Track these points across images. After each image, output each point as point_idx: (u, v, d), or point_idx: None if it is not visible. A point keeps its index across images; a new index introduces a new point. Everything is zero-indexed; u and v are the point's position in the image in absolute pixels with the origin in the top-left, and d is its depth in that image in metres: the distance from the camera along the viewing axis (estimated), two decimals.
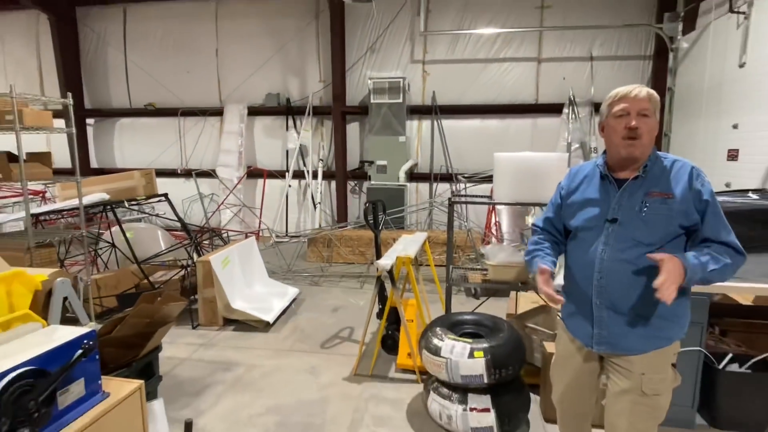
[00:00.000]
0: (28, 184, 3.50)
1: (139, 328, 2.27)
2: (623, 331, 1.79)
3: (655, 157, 1.80)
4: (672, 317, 1.77)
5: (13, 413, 1.29)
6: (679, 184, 1.72)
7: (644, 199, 1.74)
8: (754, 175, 4.76)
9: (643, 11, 7.30)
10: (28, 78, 9.25)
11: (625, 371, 1.82)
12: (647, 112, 1.70)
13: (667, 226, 1.71)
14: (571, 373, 2.05)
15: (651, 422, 1.84)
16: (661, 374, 1.79)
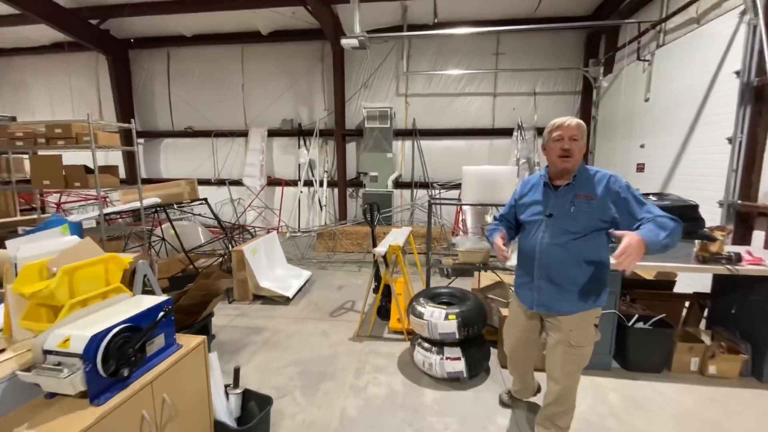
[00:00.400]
0: (101, 190, 3.52)
1: (197, 298, 2.35)
2: (555, 297, 1.92)
3: (582, 169, 1.91)
4: (592, 288, 1.88)
5: (118, 357, 1.39)
6: (599, 188, 1.83)
7: (573, 200, 1.86)
8: (657, 182, 4.95)
9: (574, 58, 7.45)
10: (89, 106, 9.06)
11: (557, 328, 1.95)
12: (576, 137, 1.84)
13: (588, 220, 1.83)
14: (519, 330, 2.19)
15: (576, 366, 1.96)
16: (583, 331, 1.92)
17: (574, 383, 2.00)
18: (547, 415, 2.10)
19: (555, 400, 2.03)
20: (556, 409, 2.06)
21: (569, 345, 1.91)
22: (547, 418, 2.10)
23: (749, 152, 3.62)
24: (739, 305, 3.01)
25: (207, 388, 1.85)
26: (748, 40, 3.55)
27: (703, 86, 4.12)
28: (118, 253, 1.79)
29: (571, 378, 1.98)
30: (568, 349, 1.92)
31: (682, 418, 2.48)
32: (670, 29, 4.92)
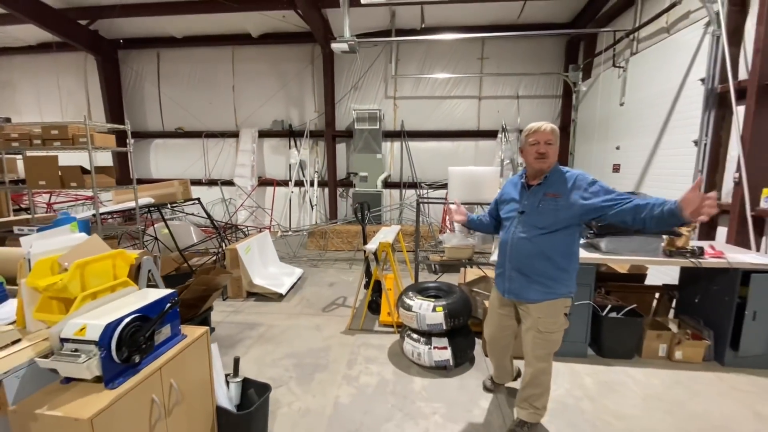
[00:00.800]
0: (98, 191, 3.55)
1: (198, 293, 2.43)
2: (524, 286, 2.06)
3: (555, 170, 2.03)
4: (558, 279, 2.02)
5: (130, 344, 1.48)
6: (566, 187, 1.97)
7: (542, 198, 2.01)
8: (631, 182, 5.18)
9: (555, 63, 7.68)
10: (77, 106, 8.96)
11: (527, 315, 2.10)
12: (551, 141, 1.98)
13: (554, 216, 1.97)
14: (496, 316, 2.34)
15: (546, 350, 2.11)
16: (551, 318, 2.05)
17: (545, 366, 2.14)
18: (524, 397, 2.25)
19: (529, 381, 2.18)
20: (532, 391, 2.20)
21: (538, 331, 2.06)
22: (525, 399, 2.24)
23: (713, 154, 3.86)
24: (702, 295, 3.22)
25: (210, 375, 1.95)
26: (712, 50, 3.78)
27: (672, 92, 4.36)
28: None
29: (542, 361, 2.12)
30: (537, 335, 2.07)
31: (650, 398, 2.67)
32: (642, 38, 5.16)
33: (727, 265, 2.90)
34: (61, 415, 1.27)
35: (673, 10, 4.45)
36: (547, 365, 2.15)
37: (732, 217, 3.52)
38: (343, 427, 2.39)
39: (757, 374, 2.92)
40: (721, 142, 3.84)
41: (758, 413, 2.51)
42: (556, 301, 2.04)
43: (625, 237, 3.06)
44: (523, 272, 2.06)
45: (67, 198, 7.55)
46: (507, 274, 2.12)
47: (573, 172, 2.04)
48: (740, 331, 2.92)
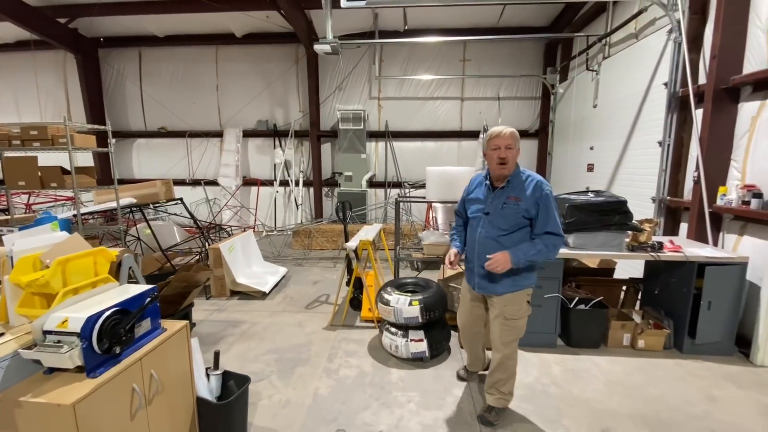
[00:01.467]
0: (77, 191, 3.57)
1: (179, 289, 2.50)
2: (492, 281, 2.23)
3: (517, 173, 2.16)
4: (520, 274, 2.19)
5: (110, 336, 1.56)
6: (528, 191, 2.11)
7: (505, 200, 2.15)
8: (604, 181, 5.41)
9: (534, 66, 7.90)
10: (56, 106, 8.83)
11: (494, 305, 2.28)
12: (511, 146, 2.08)
13: (515, 218, 2.13)
14: (468, 307, 2.51)
15: (512, 336, 2.27)
16: (516, 306, 2.23)
17: (511, 352, 2.30)
18: (491, 383, 2.40)
19: (497, 367, 2.33)
20: (499, 376, 2.35)
21: (504, 318, 2.24)
22: (492, 385, 2.39)
23: (676, 154, 4.08)
24: (663, 287, 3.43)
25: (189, 367, 2.03)
26: (674, 56, 4.00)
27: (639, 95, 4.58)
28: None
29: (508, 347, 2.28)
30: (504, 322, 2.24)
31: (612, 384, 2.84)
32: (614, 43, 5.39)
33: (684, 258, 3.10)
34: (44, 401, 1.35)
35: (641, 17, 4.68)
36: (512, 351, 2.30)
37: (692, 214, 3.74)
38: (322, 416, 2.49)
39: (712, 360, 3.13)
40: (683, 143, 4.07)
41: (711, 396, 2.70)
42: (520, 291, 2.23)
43: (591, 233, 3.23)
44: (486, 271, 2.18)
45: (46, 198, 7.44)
46: (476, 270, 2.26)
47: (533, 177, 2.16)
48: (697, 320, 3.13)
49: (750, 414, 2.51)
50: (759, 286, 3.06)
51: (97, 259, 1.84)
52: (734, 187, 3.41)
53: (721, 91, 3.50)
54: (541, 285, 3.21)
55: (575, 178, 6.20)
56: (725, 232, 3.58)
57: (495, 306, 2.27)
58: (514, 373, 2.37)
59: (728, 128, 3.52)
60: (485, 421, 2.39)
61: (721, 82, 3.49)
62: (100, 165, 8.49)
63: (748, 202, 3.19)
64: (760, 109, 3.27)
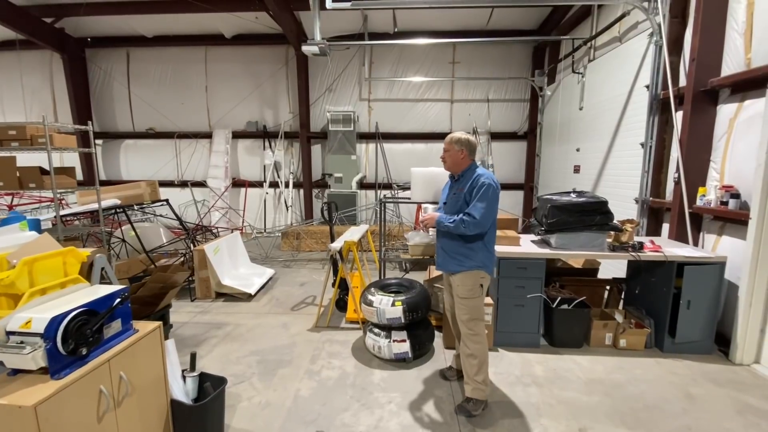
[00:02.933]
0: (58, 192, 3.51)
1: (155, 290, 2.47)
2: (447, 260, 2.51)
3: (469, 170, 2.46)
4: (466, 255, 2.42)
5: (77, 337, 1.54)
6: (469, 183, 2.40)
7: (455, 192, 2.49)
8: (590, 182, 5.45)
9: (522, 68, 7.97)
10: (42, 106, 8.71)
11: (450, 283, 2.58)
12: (447, 149, 2.48)
13: (457, 205, 2.44)
14: (446, 291, 2.74)
15: (468, 315, 2.46)
16: (467, 287, 2.44)
17: (473, 333, 2.47)
18: (465, 369, 2.52)
19: (463, 347, 2.51)
20: (470, 361, 2.46)
21: (458, 297, 2.49)
22: (466, 372, 2.51)
23: (657, 156, 4.14)
24: (644, 287, 3.47)
25: (163, 369, 2.00)
26: (655, 59, 4.06)
27: (623, 97, 4.63)
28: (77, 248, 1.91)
29: (467, 326, 2.47)
30: (459, 300, 2.49)
31: (592, 382, 2.86)
32: (599, 46, 5.46)
33: (663, 258, 3.13)
34: (5, 403, 1.32)
35: (624, 21, 4.75)
36: (474, 333, 2.47)
37: (672, 214, 3.78)
38: (301, 417, 2.48)
39: (692, 359, 3.17)
40: (664, 144, 4.12)
41: (689, 394, 2.73)
42: (470, 272, 2.44)
43: (572, 233, 3.26)
44: (445, 249, 2.51)
45: (30, 200, 7.32)
46: (438, 251, 2.60)
47: (480, 173, 2.43)
48: (677, 319, 3.16)
49: (727, 411, 2.54)
50: (737, 285, 3.10)
51: (66, 260, 1.81)
52: (713, 187, 3.46)
53: (700, 93, 3.56)
54: (524, 285, 3.26)
55: (562, 180, 6.25)
56: (705, 232, 3.63)
57: (451, 284, 2.57)
58: (484, 361, 2.46)
59: (707, 130, 3.57)
60: (463, 410, 2.47)
61: (700, 84, 3.55)
62: (87, 166, 8.38)
63: (726, 202, 3.24)
64: (738, 110, 3.33)
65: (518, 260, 3.24)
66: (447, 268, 2.54)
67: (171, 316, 3.53)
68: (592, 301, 3.63)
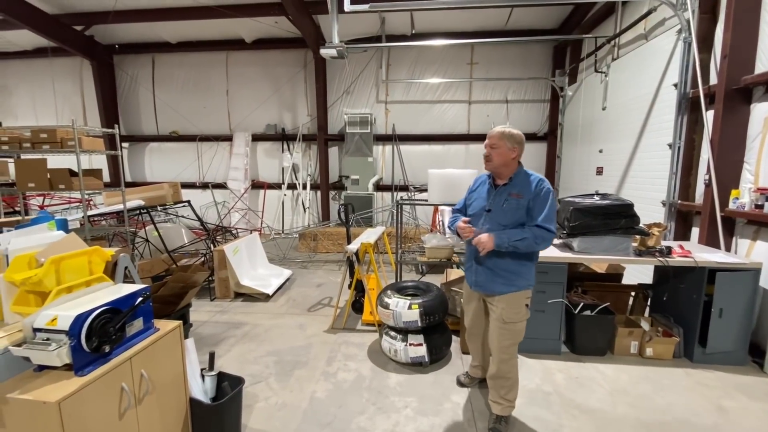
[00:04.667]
0: (85, 193, 3.63)
1: (175, 289, 2.51)
2: (489, 279, 2.20)
3: (520, 172, 2.16)
4: (518, 273, 2.16)
5: (100, 334, 1.57)
6: (529, 189, 2.11)
7: (507, 197, 2.14)
8: (614, 184, 5.29)
9: (543, 68, 7.82)
10: (73, 110, 9.08)
11: (493, 307, 2.24)
12: (495, 145, 2.12)
13: (516, 214, 2.12)
14: (470, 306, 2.48)
15: (510, 340, 2.22)
16: (514, 309, 2.17)
17: (510, 357, 2.25)
18: (495, 390, 2.35)
19: (496, 372, 2.29)
20: (502, 383, 2.30)
21: (503, 321, 2.18)
22: (496, 392, 2.34)
23: (686, 157, 3.97)
24: (672, 294, 3.31)
25: (183, 368, 2.02)
26: (683, 56, 3.90)
27: (649, 97, 4.47)
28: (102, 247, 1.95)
29: (506, 352, 2.23)
30: (502, 325, 2.19)
31: (617, 393, 2.75)
32: (623, 44, 5.29)
33: (694, 263, 2.99)
34: (30, 398, 1.36)
35: (650, 18, 4.58)
36: (510, 356, 2.25)
37: (703, 218, 3.62)
38: (317, 420, 2.47)
39: (723, 370, 3.01)
40: (694, 145, 3.95)
41: (720, 407, 2.59)
42: (518, 293, 2.18)
43: (596, 237, 3.15)
44: (489, 266, 2.19)
45: (60, 201, 7.63)
46: (474, 268, 2.26)
47: (536, 176, 2.17)
48: (708, 328, 3.01)
49: (762, 426, 2.40)
50: None
51: (91, 259, 1.85)
52: (747, 190, 3.28)
53: (732, 91, 3.39)
54: (545, 290, 3.16)
55: (584, 182, 6.08)
56: (738, 236, 3.45)
57: (493, 308, 2.23)
58: (516, 380, 2.32)
59: (740, 130, 3.40)
60: None
61: (732, 82, 3.38)
62: (113, 168, 8.67)
63: (762, 205, 3.07)
64: None
65: (539, 264, 3.10)
66: (490, 289, 2.20)
67: (191, 315, 3.59)
68: (616, 308, 3.49)
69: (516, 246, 2.06)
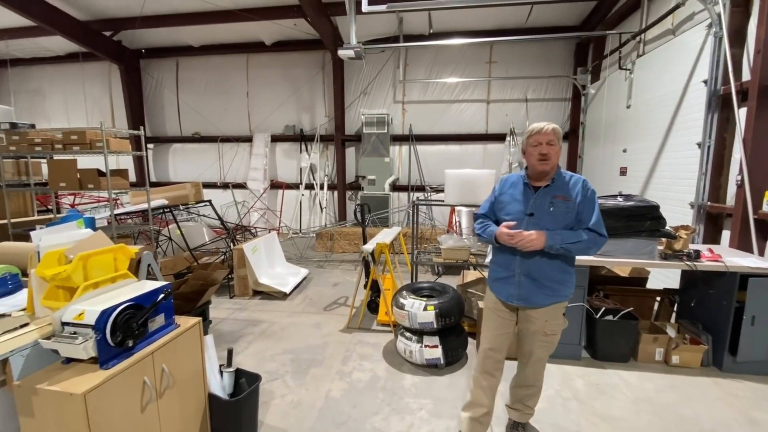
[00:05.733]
0: (112, 192, 3.77)
1: (195, 287, 2.57)
2: (534, 291, 1.98)
3: (558, 172, 2.00)
4: (563, 282, 1.99)
5: (124, 329, 1.62)
6: (575, 190, 1.94)
7: (552, 200, 1.94)
8: (638, 185, 5.11)
9: (564, 66, 7.64)
10: (102, 113, 9.44)
11: (533, 319, 2.02)
12: (553, 142, 1.91)
13: (565, 219, 1.92)
14: (496, 323, 2.13)
15: (548, 352, 2.11)
16: (557, 320, 2.04)
17: (543, 366, 2.17)
18: (519, 398, 2.26)
19: (524, 380, 2.20)
20: (527, 391, 2.21)
21: (545, 334, 2.04)
22: (519, 400, 2.26)
23: (717, 156, 3.80)
24: (701, 300, 3.18)
25: (202, 363, 2.07)
26: (714, 51, 3.73)
27: (677, 94, 4.30)
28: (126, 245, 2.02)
29: (542, 362, 2.14)
30: (544, 338, 2.04)
31: (640, 401, 2.65)
32: (649, 40, 5.11)
33: (724, 268, 2.86)
34: (58, 390, 1.41)
35: (678, 12, 4.41)
36: (544, 366, 2.17)
37: (734, 220, 3.45)
38: (332, 419, 2.48)
39: (755, 380, 2.87)
40: (725, 144, 3.77)
41: (752, 419, 2.47)
42: (560, 303, 2.03)
43: (619, 239, 3.05)
44: (534, 277, 1.98)
45: (89, 200, 7.95)
46: (516, 279, 2.02)
47: (576, 176, 2.02)
48: (739, 336, 2.87)
49: None
50: None
51: (117, 256, 1.92)
52: None
53: (767, 88, 3.22)
54: None
55: (607, 182, 5.90)
56: None
57: (534, 321, 2.03)
58: (541, 388, 2.24)
59: None
60: None
61: (766, 78, 3.21)
62: (139, 168, 8.97)
63: None
64: None
65: None
66: (534, 301, 1.99)
67: (210, 312, 3.68)
68: (640, 313, 3.38)
69: (569, 248, 1.88)
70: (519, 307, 2.07)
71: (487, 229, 2.08)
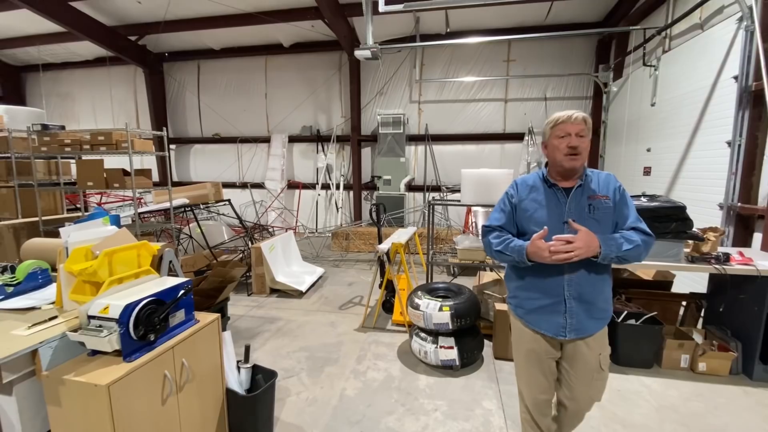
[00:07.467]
0: (136, 191, 3.89)
1: (215, 284, 2.63)
2: (586, 318, 1.63)
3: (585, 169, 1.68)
4: (609, 300, 1.69)
5: (146, 324, 1.66)
6: (610, 188, 1.65)
7: (590, 202, 1.61)
8: (663, 185, 4.94)
9: (585, 63, 7.46)
10: (127, 115, 9.77)
11: (587, 354, 1.66)
12: (583, 133, 1.58)
13: (609, 222, 1.62)
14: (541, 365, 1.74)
15: (602, 389, 1.75)
16: (607, 350, 1.71)
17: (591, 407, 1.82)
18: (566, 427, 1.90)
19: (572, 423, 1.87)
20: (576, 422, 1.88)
21: (599, 370, 1.68)
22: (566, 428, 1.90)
23: (748, 155, 3.63)
24: (730, 305, 3.04)
25: (220, 359, 2.11)
26: (745, 46, 3.57)
27: (705, 91, 4.13)
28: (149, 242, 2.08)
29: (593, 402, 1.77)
30: (597, 375, 1.68)
31: (665, 409, 2.56)
32: (675, 35, 4.93)
33: (756, 272, 2.73)
34: (83, 380, 1.46)
35: (707, 5, 4.24)
36: None
37: (767, 223, 3.29)
38: (346, 417, 2.49)
39: None
40: (756, 143, 3.60)
41: None
42: (606, 326, 1.70)
43: None
44: (586, 299, 1.61)
45: (116, 199, 8.23)
46: (567, 306, 1.61)
47: (600, 171, 1.74)
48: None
49: None
50: None
51: (140, 252, 1.98)
52: None
53: None
54: None
55: (630, 182, 5.73)
56: None
57: (587, 357, 1.66)
58: None
59: None
60: None
61: None
62: (162, 168, 9.23)
63: None
64: None
65: None
66: (586, 329, 1.63)
67: (229, 309, 3.75)
68: (664, 318, 3.26)
69: (625, 256, 1.54)
70: (564, 341, 1.68)
71: (510, 244, 1.64)
